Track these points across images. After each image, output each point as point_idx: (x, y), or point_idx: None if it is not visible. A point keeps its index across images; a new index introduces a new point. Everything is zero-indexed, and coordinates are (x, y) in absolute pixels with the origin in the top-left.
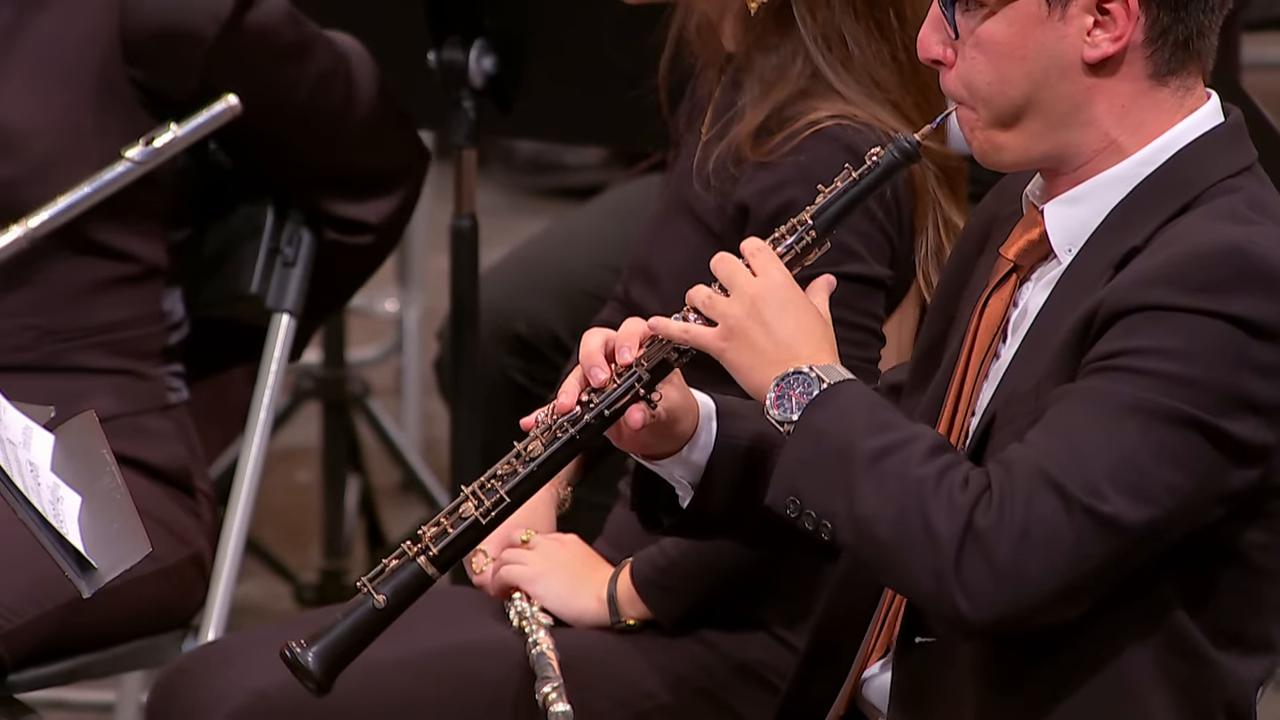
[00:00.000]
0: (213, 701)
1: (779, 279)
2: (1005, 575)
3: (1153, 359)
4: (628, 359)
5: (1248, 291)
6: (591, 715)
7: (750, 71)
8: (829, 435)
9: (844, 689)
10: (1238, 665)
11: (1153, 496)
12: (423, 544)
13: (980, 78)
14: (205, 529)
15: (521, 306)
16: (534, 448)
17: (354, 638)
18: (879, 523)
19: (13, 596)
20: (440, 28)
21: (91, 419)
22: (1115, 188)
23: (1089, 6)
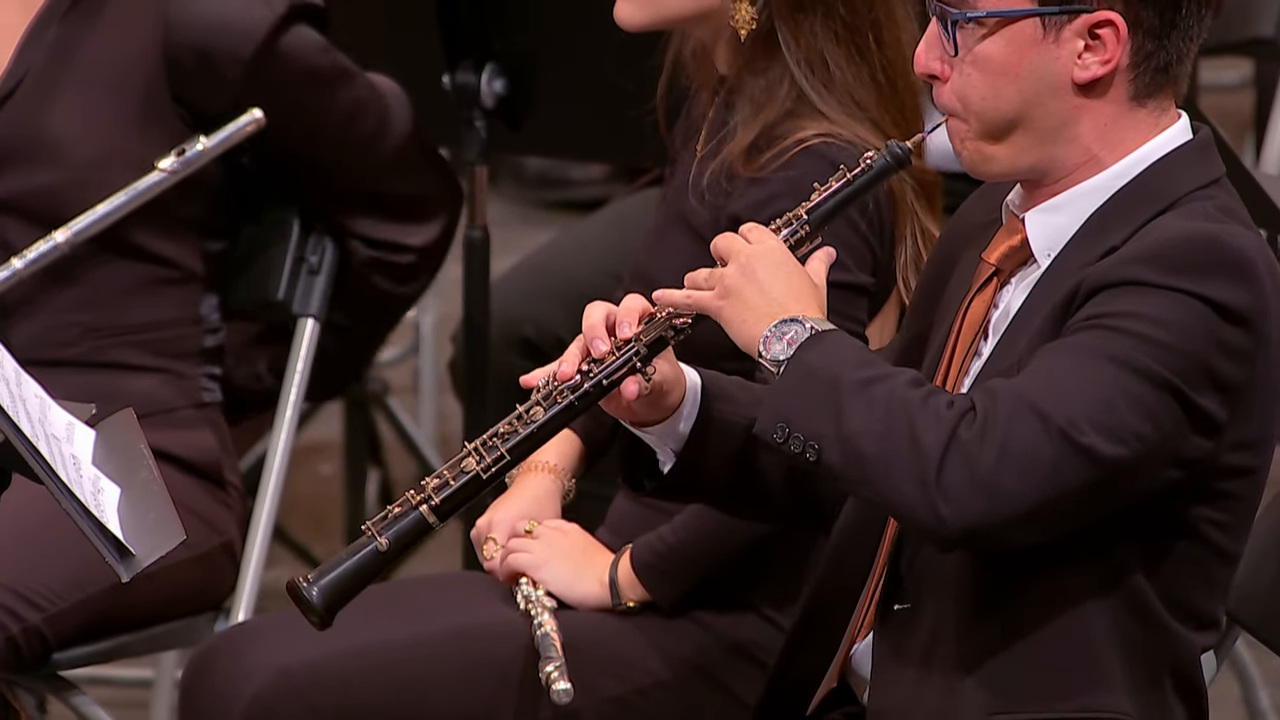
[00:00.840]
0: (242, 678)
1: (773, 245)
2: (985, 485)
3: (1134, 321)
4: (628, 333)
5: (1221, 277)
6: (593, 692)
7: (741, 93)
8: (819, 369)
9: (835, 662)
10: (1188, 635)
11: (1124, 439)
12: (425, 494)
13: (975, 92)
14: (235, 518)
15: (530, 312)
16: (535, 411)
17: (356, 577)
18: (866, 437)
19: (58, 582)
20: (454, 53)
21: (130, 416)
22: (1092, 197)
23: (1081, 31)
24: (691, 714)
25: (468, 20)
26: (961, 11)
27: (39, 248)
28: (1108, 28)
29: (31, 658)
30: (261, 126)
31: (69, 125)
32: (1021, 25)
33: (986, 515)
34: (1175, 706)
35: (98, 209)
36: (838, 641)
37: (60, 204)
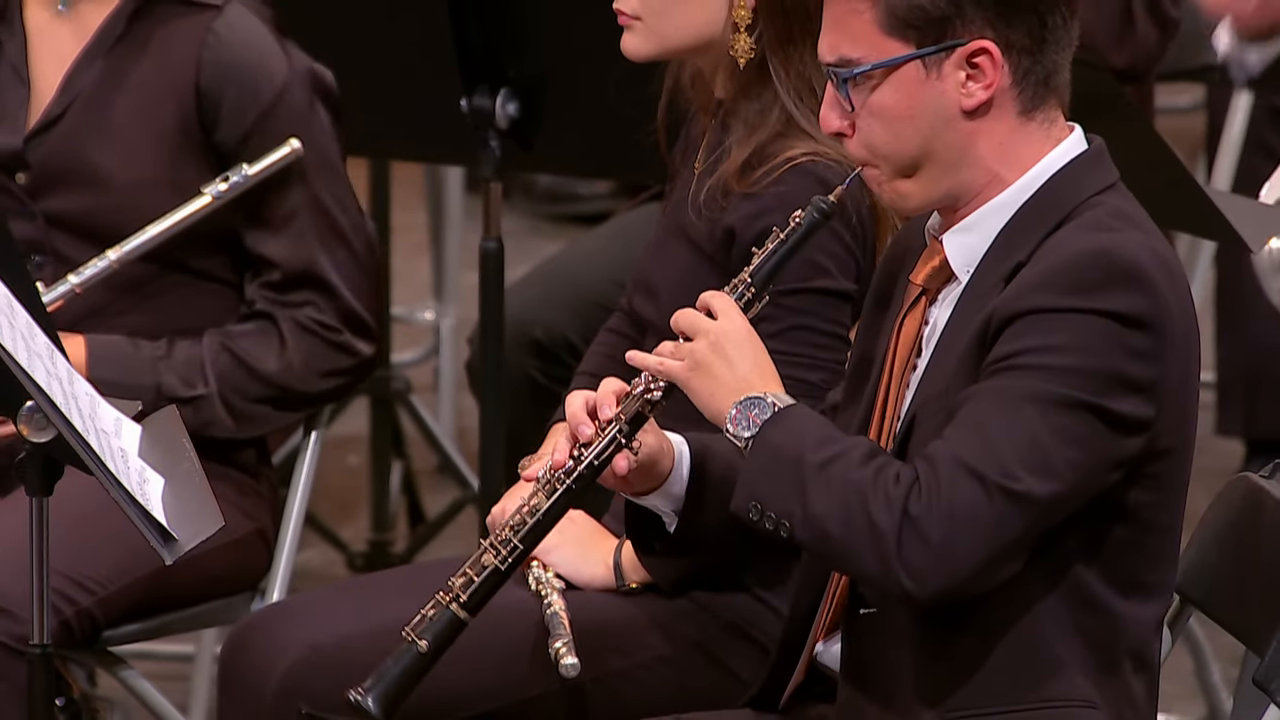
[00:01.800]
0: (276, 653)
1: (738, 322)
2: (940, 554)
3: (1041, 355)
4: (607, 415)
5: (1115, 289)
6: (599, 666)
7: (736, 116)
8: (782, 449)
9: (801, 660)
10: (1139, 611)
11: (1056, 472)
12: (453, 593)
13: (878, 139)
14: (269, 506)
15: (540, 316)
16: (537, 501)
17: (405, 679)
18: (829, 520)
19: (107, 566)
20: (471, 78)
21: (173, 413)
22: (1000, 214)
23: (960, 63)
24: (689, 686)
25: (483, 49)
26: (849, 70)
27: (94, 265)
28: (983, 55)
29: (83, 636)
30: (300, 156)
31: (111, 150)
32: (904, 70)
33: (949, 580)
34: (1133, 682)
35: (148, 230)
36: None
37: (104, 222)
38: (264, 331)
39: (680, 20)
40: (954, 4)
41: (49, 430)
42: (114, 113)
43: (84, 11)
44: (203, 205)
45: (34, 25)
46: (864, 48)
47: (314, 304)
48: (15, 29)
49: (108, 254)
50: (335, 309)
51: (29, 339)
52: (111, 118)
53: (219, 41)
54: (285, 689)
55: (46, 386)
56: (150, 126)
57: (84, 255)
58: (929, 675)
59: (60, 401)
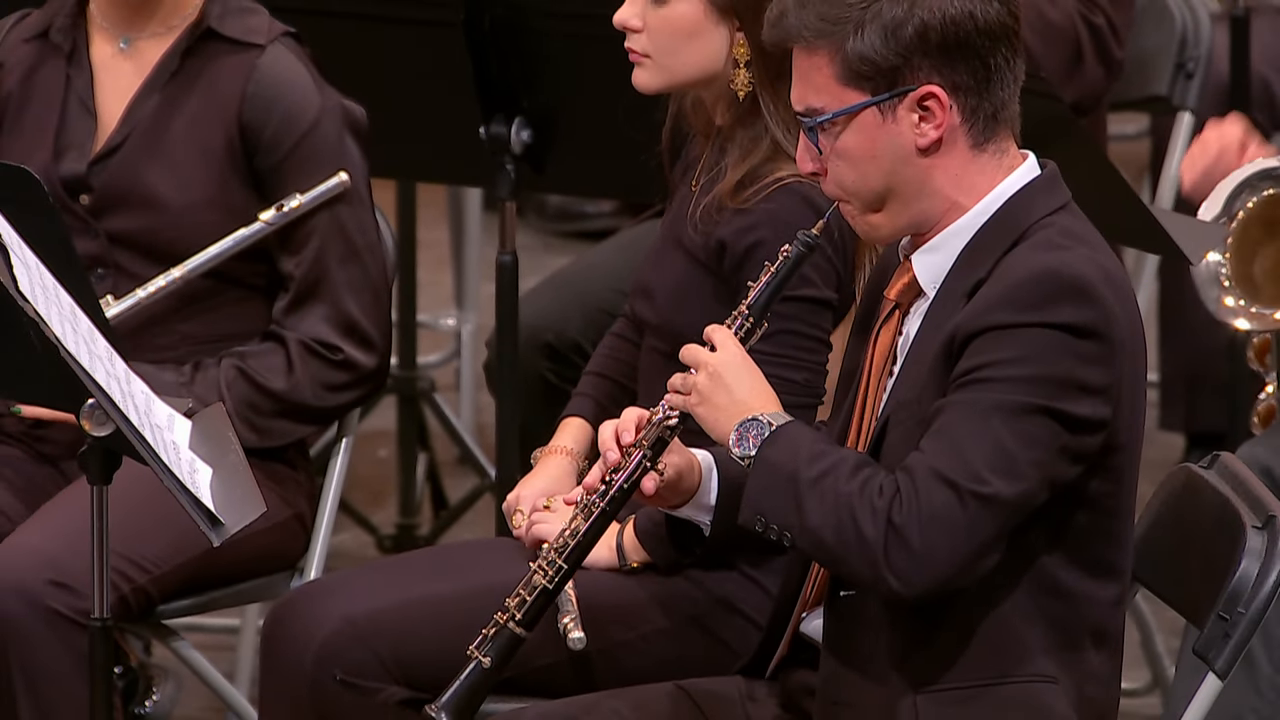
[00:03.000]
0: (314, 626)
1: (734, 352)
2: (921, 557)
3: (1002, 368)
4: (629, 440)
5: (1065, 304)
6: (603, 638)
7: (732, 141)
8: (780, 466)
9: (786, 634)
10: (1100, 590)
11: (1022, 473)
12: (509, 613)
13: (847, 178)
14: (306, 494)
15: (551, 322)
16: (577, 524)
17: (473, 693)
18: (823, 531)
19: (161, 548)
20: (489, 108)
21: (220, 409)
22: (961, 235)
23: (912, 106)
24: (685, 656)
25: (500, 81)
26: (814, 118)
27: (159, 281)
28: (931, 99)
29: (139, 611)
30: (347, 188)
31: (166, 174)
32: (863, 116)
33: (932, 580)
34: (1094, 658)
35: (210, 250)
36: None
37: (159, 239)
38: (274, 353)
39: (687, 58)
40: (901, 55)
41: (108, 425)
42: (169, 140)
43: (143, 49)
44: (258, 230)
45: (99, 62)
46: (826, 98)
47: (320, 324)
48: (83, 65)
49: (172, 271)
50: (341, 322)
51: (90, 343)
52: (166, 144)
53: (261, 77)
54: (322, 658)
55: (106, 386)
56: (201, 152)
57: (141, 269)
58: (904, 655)
59: (118, 399)
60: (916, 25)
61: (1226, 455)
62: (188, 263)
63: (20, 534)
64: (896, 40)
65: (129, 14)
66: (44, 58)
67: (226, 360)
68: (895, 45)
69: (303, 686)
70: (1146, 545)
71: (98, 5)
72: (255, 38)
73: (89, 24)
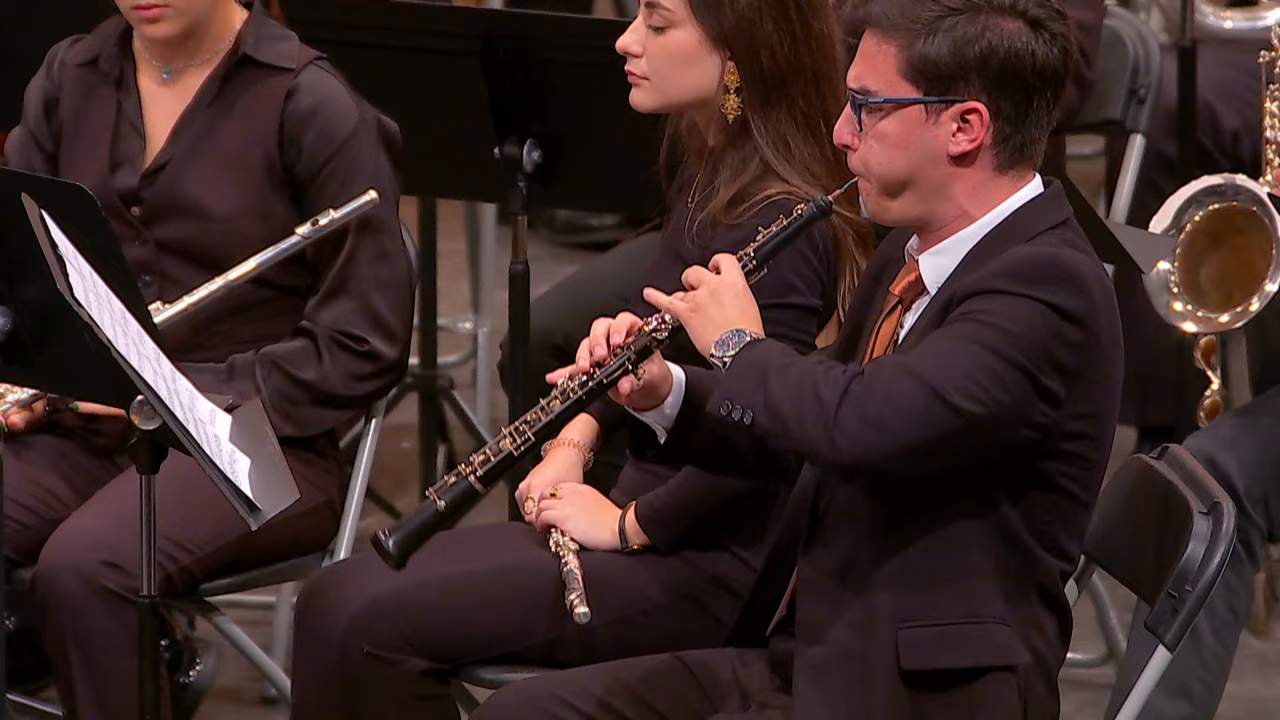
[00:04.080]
0: (343, 602)
1: (736, 279)
2: (872, 423)
3: (993, 317)
4: (619, 340)
5: (1059, 286)
6: (606, 613)
7: (724, 161)
8: (753, 361)
9: (785, 596)
10: (1050, 562)
11: (981, 400)
12: (473, 467)
13: (874, 159)
14: (337, 482)
15: (559, 325)
16: (553, 404)
17: (421, 531)
18: (783, 400)
19: (204, 531)
20: (502, 131)
21: (257, 405)
22: (967, 242)
23: (955, 116)
24: (681, 629)
25: (513, 106)
26: (866, 98)
27: (205, 289)
28: (975, 114)
29: (184, 589)
30: (377, 205)
31: (208, 189)
32: (910, 110)
33: (873, 448)
34: (1043, 615)
35: (250, 262)
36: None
37: (203, 246)
38: (305, 346)
39: (681, 82)
40: (961, 68)
41: (155, 419)
42: (211, 156)
43: (184, 77)
44: (294, 244)
45: (146, 89)
46: (882, 83)
47: (349, 316)
48: (131, 92)
49: (215, 281)
50: (367, 316)
51: (139, 345)
52: (209, 160)
53: (300, 95)
54: (350, 632)
55: (153, 384)
56: (240, 167)
57: (185, 275)
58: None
59: (165, 396)
60: (983, 47)
61: (1175, 447)
62: (229, 273)
63: (76, 519)
64: (962, 54)
65: (170, 50)
66: (95, 83)
67: (261, 356)
68: (959, 58)
69: (333, 658)
70: (1102, 528)
71: (140, 41)
72: (288, 62)
73: (134, 55)
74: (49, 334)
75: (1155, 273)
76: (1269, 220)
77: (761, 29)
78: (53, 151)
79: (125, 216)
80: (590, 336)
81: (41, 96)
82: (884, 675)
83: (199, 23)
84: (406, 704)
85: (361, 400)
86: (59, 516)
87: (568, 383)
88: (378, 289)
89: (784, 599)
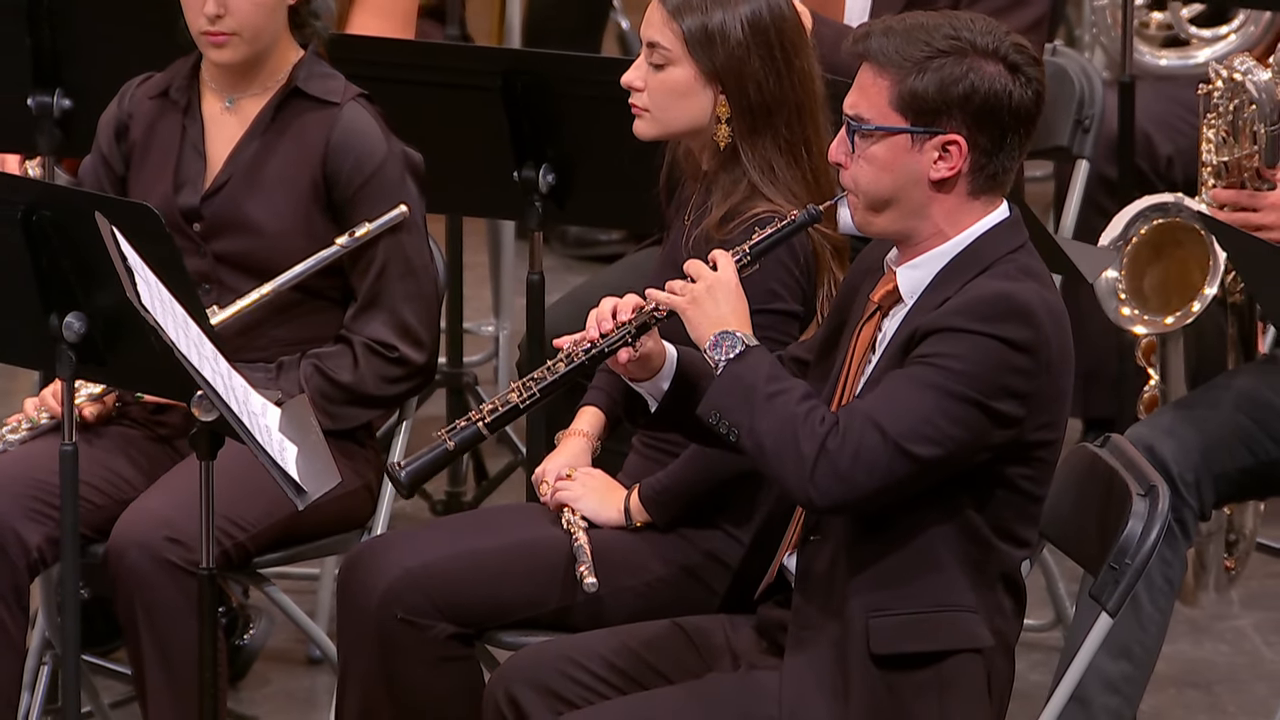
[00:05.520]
0: (379, 574)
1: (731, 276)
2: (843, 479)
3: (948, 360)
4: (624, 318)
5: (1010, 322)
6: (612, 583)
7: (716, 184)
8: (742, 377)
9: (772, 565)
10: (1011, 550)
11: (939, 442)
12: (482, 415)
13: (863, 179)
14: (374, 467)
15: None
16: (558, 366)
17: (431, 466)
18: (766, 438)
19: (256, 511)
20: (521, 156)
21: (304, 400)
22: (940, 259)
23: (936, 145)
24: (679, 597)
25: (529, 135)
26: (860, 124)
27: (254, 294)
28: (955, 145)
29: (238, 562)
30: (406, 218)
31: (261, 207)
32: (898, 138)
33: (843, 498)
34: (1004, 599)
35: (295, 269)
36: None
37: (256, 259)
38: (343, 353)
39: (678, 114)
40: (945, 103)
41: (213, 412)
42: (264, 178)
43: (244, 106)
44: (333, 252)
45: (209, 115)
46: (874, 112)
47: (381, 327)
48: (195, 118)
49: (264, 286)
50: (398, 326)
51: (199, 345)
52: (262, 182)
53: (340, 128)
54: (386, 601)
55: (211, 380)
56: (290, 188)
57: (238, 283)
58: (857, 587)
59: (221, 391)
60: (966, 86)
61: (1117, 436)
62: (277, 279)
63: (143, 500)
64: (947, 92)
65: (233, 79)
66: (164, 111)
67: (305, 360)
68: (945, 95)
69: (371, 623)
70: (1052, 509)
71: (208, 70)
72: (334, 97)
73: (201, 85)
74: (119, 336)
75: (1104, 280)
76: (1205, 234)
77: (749, 66)
78: (122, 174)
79: (187, 231)
80: (598, 310)
81: (113, 125)
82: (858, 659)
83: (260, 54)
84: (435, 664)
85: (392, 400)
86: (128, 498)
87: (573, 348)
88: (406, 302)
89: (773, 567)
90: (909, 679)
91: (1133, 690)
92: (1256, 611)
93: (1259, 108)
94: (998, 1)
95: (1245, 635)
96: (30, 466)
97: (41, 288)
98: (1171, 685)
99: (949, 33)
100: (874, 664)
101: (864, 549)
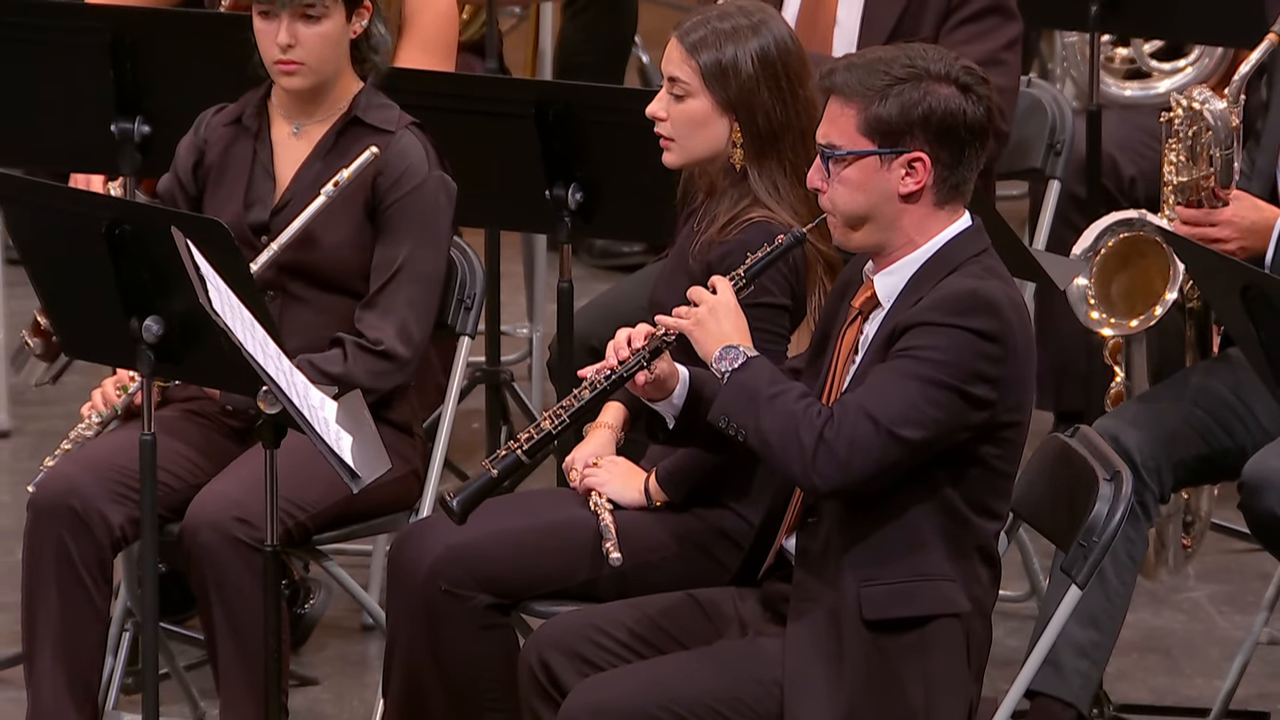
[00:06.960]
0: (426, 551)
1: (730, 298)
2: (841, 467)
3: (926, 351)
4: (638, 345)
5: (979, 315)
6: (634, 558)
7: (725, 197)
8: (745, 384)
9: (773, 548)
10: (985, 524)
11: (924, 425)
12: (519, 443)
13: (840, 199)
14: (421, 455)
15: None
16: (583, 393)
17: (479, 493)
18: (770, 434)
19: (316, 493)
20: (552, 177)
21: (358, 395)
22: (912, 265)
23: (903, 164)
24: (693, 571)
25: (560, 157)
26: (832, 151)
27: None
28: (919, 161)
29: (299, 539)
30: (376, 157)
31: (321, 223)
32: (867, 160)
33: (843, 482)
34: (980, 569)
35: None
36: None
37: (316, 269)
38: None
39: (699, 141)
40: (908, 125)
41: (277, 405)
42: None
43: (309, 131)
44: (321, 204)
45: (277, 139)
46: (844, 139)
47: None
48: (265, 142)
49: (272, 245)
50: (394, 322)
51: (264, 346)
52: None
53: (391, 153)
54: (431, 575)
55: (275, 377)
56: (346, 205)
57: (301, 291)
58: (847, 560)
59: (284, 387)
60: (924, 108)
61: (1085, 427)
62: (281, 236)
63: (214, 484)
64: (908, 114)
65: (300, 107)
66: (237, 136)
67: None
68: (906, 117)
69: (418, 595)
70: (1027, 492)
71: (278, 98)
72: (389, 125)
73: (270, 112)
74: (193, 338)
75: (1075, 287)
76: (1166, 247)
77: (759, 96)
78: (196, 194)
79: (255, 244)
80: (614, 340)
81: (190, 151)
82: (851, 624)
83: (324, 83)
84: (475, 631)
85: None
86: (200, 482)
87: (595, 376)
88: (408, 305)
89: (773, 549)
90: (896, 641)
91: (1100, 655)
92: (1210, 584)
93: (1215, 134)
94: (977, 27)
95: (1200, 605)
96: (113, 454)
97: (123, 294)
98: (1134, 650)
99: (905, 62)
100: (866, 628)
101: (855, 527)
